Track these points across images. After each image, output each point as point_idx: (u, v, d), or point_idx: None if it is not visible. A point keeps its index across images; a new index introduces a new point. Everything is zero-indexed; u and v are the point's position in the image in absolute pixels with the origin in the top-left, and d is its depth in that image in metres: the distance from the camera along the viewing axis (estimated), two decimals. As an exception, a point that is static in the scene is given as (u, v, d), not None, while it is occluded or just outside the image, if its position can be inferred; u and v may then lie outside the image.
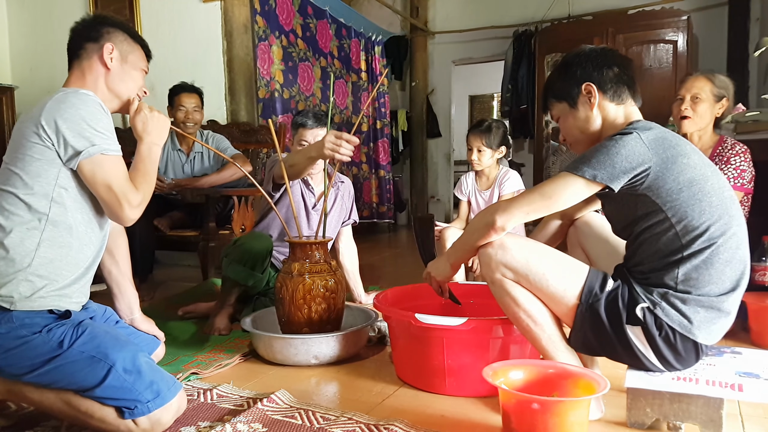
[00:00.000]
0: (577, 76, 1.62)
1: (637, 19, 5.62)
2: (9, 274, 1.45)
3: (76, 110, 1.50)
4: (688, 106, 2.49)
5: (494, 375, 1.43)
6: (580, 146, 1.69)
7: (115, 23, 1.71)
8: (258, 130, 4.05)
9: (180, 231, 3.39)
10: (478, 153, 3.06)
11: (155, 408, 1.43)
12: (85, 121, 1.50)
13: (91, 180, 1.51)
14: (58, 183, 1.50)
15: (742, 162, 2.41)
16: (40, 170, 1.49)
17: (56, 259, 1.50)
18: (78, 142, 1.48)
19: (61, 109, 1.49)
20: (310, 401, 1.75)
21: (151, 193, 1.63)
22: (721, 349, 1.65)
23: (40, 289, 1.47)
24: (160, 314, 2.80)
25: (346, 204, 2.91)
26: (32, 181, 1.48)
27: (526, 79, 6.46)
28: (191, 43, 4.43)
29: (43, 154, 1.49)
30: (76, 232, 1.54)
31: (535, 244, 1.59)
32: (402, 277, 3.67)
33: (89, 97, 1.55)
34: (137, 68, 1.73)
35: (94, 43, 1.65)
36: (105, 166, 1.51)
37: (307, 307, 2.11)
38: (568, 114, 1.67)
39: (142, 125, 1.69)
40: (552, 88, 1.70)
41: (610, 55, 1.63)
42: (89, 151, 1.49)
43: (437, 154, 7.70)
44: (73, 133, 1.48)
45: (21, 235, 1.47)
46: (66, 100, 1.51)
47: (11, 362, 1.44)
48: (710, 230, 1.43)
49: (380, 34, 6.76)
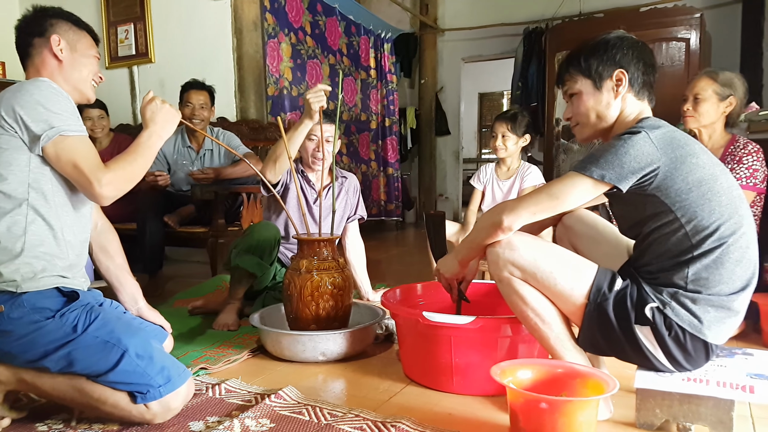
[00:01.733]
0: (616, 59, 1.57)
1: (649, 17, 5.57)
2: (6, 261, 1.48)
3: (31, 95, 1.50)
4: (689, 106, 2.52)
5: (502, 374, 1.42)
6: (584, 131, 1.65)
7: (56, 13, 1.70)
8: (267, 128, 4.05)
9: (189, 227, 3.40)
10: (503, 138, 3.07)
11: (166, 393, 1.46)
12: (41, 104, 1.50)
13: (57, 162, 1.52)
14: (31, 169, 1.51)
15: (755, 161, 2.39)
16: (10, 159, 1.50)
17: (46, 242, 1.52)
18: (36, 126, 1.48)
19: (17, 96, 1.50)
20: (318, 398, 1.75)
21: (134, 176, 1.60)
22: (732, 351, 1.64)
23: (41, 270, 1.49)
24: (169, 310, 2.81)
25: (351, 200, 2.90)
26: (5, 171, 1.50)
27: (536, 77, 6.42)
28: (201, 41, 4.44)
29: (9, 143, 1.50)
30: (59, 213, 1.56)
31: (542, 243, 1.58)
32: (409, 275, 3.67)
33: (44, 82, 1.56)
34: (88, 55, 1.72)
35: (40, 37, 1.66)
36: (68, 146, 1.51)
37: (315, 304, 2.12)
38: (590, 94, 1.60)
39: (150, 114, 1.69)
40: (582, 61, 1.60)
41: (647, 52, 1.59)
42: (48, 134, 1.49)
43: (446, 152, 7.69)
44: (30, 118, 1.48)
45: (6, 224, 1.49)
46: (21, 88, 1.52)
47: (25, 348, 1.46)
48: (720, 230, 1.42)
49: (389, 31, 6.75)
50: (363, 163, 6.31)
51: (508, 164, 3.19)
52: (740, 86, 2.49)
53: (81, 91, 1.71)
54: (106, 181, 1.52)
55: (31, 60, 1.67)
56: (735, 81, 2.49)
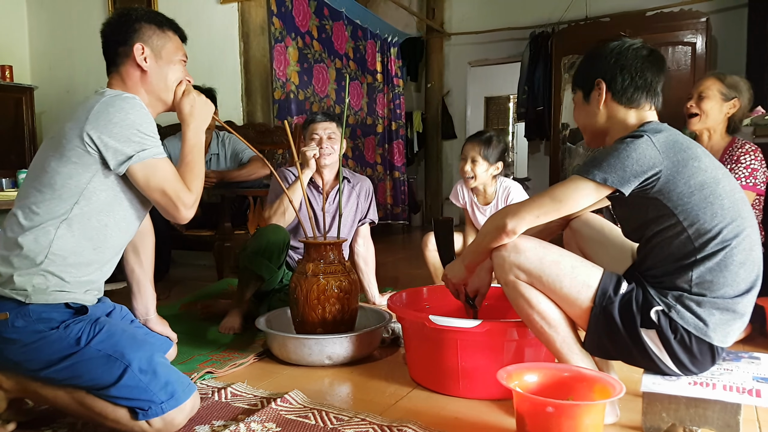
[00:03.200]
0: (597, 69, 1.61)
1: (655, 21, 5.56)
2: (22, 269, 1.46)
3: (126, 114, 1.49)
4: (693, 103, 2.51)
5: (509, 378, 1.42)
6: (585, 136, 1.72)
7: (139, 16, 1.64)
8: (273, 131, 4.07)
9: (196, 231, 3.41)
10: (472, 164, 2.79)
11: (169, 409, 1.43)
12: (135, 125, 1.49)
13: (145, 185, 1.52)
14: (88, 187, 1.50)
15: (753, 161, 2.38)
16: (72, 172, 1.48)
17: (74, 254, 1.50)
18: (128, 147, 1.48)
19: (109, 113, 1.48)
20: (324, 401, 1.75)
21: (202, 187, 1.62)
22: (738, 354, 1.64)
23: (54, 283, 1.47)
24: (176, 313, 2.82)
25: (362, 204, 2.91)
26: (63, 182, 1.48)
27: (542, 81, 6.42)
28: (208, 45, 4.47)
29: (81, 158, 1.48)
30: (104, 228, 1.54)
31: (548, 246, 1.58)
32: (416, 279, 3.67)
33: (136, 101, 1.54)
34: (174, 61, 1.67)
35: (124, 46, 1.61)
36: (158, 171, 1.52)
37: (321, 308, 2.12)
38: (580, 103, 1.68)
39: (189, 108, 1.67)
40: (576, 72, 1.71)
41: (638, 58, 1.57)
42: (141, 155, 1.49)
43: (452, 156, 7.68)
44: (122, 137, 1.47)
45: (35, 234, 1.47)
46: (114, 104, 1.49)
47: (28, 357, 1.45)
48: (723, 233, 1.42)
49: (396, 35, 6.77)
50: (369, 167, 6.32)
51: (482, 190, 2.92)
52: (746, 90, 2.49)
53: (164, 102, 1.68)
54: (190, 204, 1.56)
55: (117, 69, 1.63)
56: (741, 84, 2.49)
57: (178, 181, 1.55)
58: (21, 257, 1.46)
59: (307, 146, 2.60)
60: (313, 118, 2.79)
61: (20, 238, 1.47)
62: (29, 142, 5.11)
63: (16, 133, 5.04)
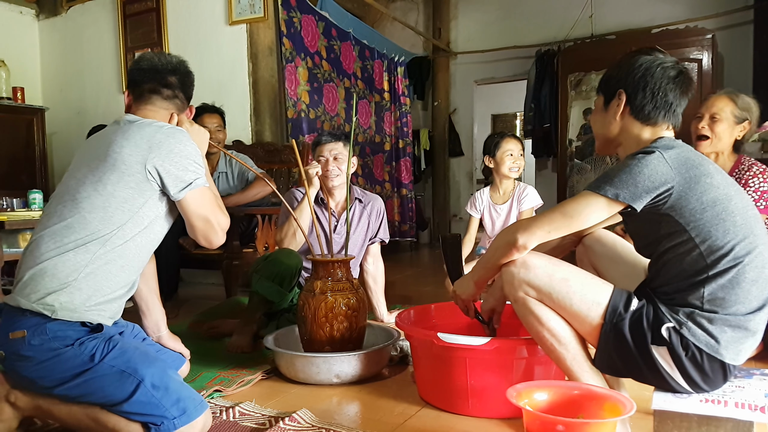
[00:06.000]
0: (621, 78, 1.60)
1: (660, 38, 5.57)
2: (52, 288, 1.49)
3: (184, 146, 1.64)
4: (706, 125, 2.45)
5: (518, 396, 1.41)
6: (597, 140, 1.72)
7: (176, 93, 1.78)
8: (282, 150, 4.09)
9: (204, 249, 3.42)
10: (521, 157, 2.99)
11: (181, 425, 1.45)
12: (191, 156, 1.65)
13: (195, 209, 1.64)
14: (139, 212, 1.58)
15: (762, 183, 2.34)
16: (128, 196, 1.57)
17: (102, 278, 1.54)
18: (187, 175, 1.62)
19: (170, 143, 1.61)
20: (332, 421, 1.74)
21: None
22: (750, 371, 1.62)
23: (80, 302, 1.51)
24: (184, 332, 2.82)
25: (373, 223, 2.92)
26: (117, 205, 1.56)
27: (548, 98, 6.44)
28: (217, 65, 4.52)
29: (139, 184, 1.57)
30: (131, 255, 1.60)
31: (558, 263, 1.57)
32: (424, 296, 3.66)
33: (185, 134, 1.69)
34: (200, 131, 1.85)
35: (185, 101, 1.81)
36: (205, 198, 1.65)
37: (329, 326, 2.12)
38: (600, 108, 1.67)
39: None
40: (603, 77, 1.68)
41: (659, 75, 1.55)
42: (197, 182, 1.62)
43: (459, 173, 7.70)
44: (182, 166, 1.61)
45: (71, 256, 1.51)
46: (174, 136, 1.63)
47: (43, 374, 1.47)
48: (735, 250, 1.41)
49: (403, 55, 6.82)
50: (377, 184, 6.34)
51: (504, 188, 3.07)
52: (756, 111, 2.46)
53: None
54: (227, 227, 1.71)
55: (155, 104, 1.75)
56: (752, 107, 2.46)
57: (217, 208, 1.68)
58: (53, 276, 1.49)
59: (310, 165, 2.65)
60: (319, 140, 2.82)
61: (56, 256, 1.51)
62: (40, 162, 5.15)
63: (27, 154, 5.09)
